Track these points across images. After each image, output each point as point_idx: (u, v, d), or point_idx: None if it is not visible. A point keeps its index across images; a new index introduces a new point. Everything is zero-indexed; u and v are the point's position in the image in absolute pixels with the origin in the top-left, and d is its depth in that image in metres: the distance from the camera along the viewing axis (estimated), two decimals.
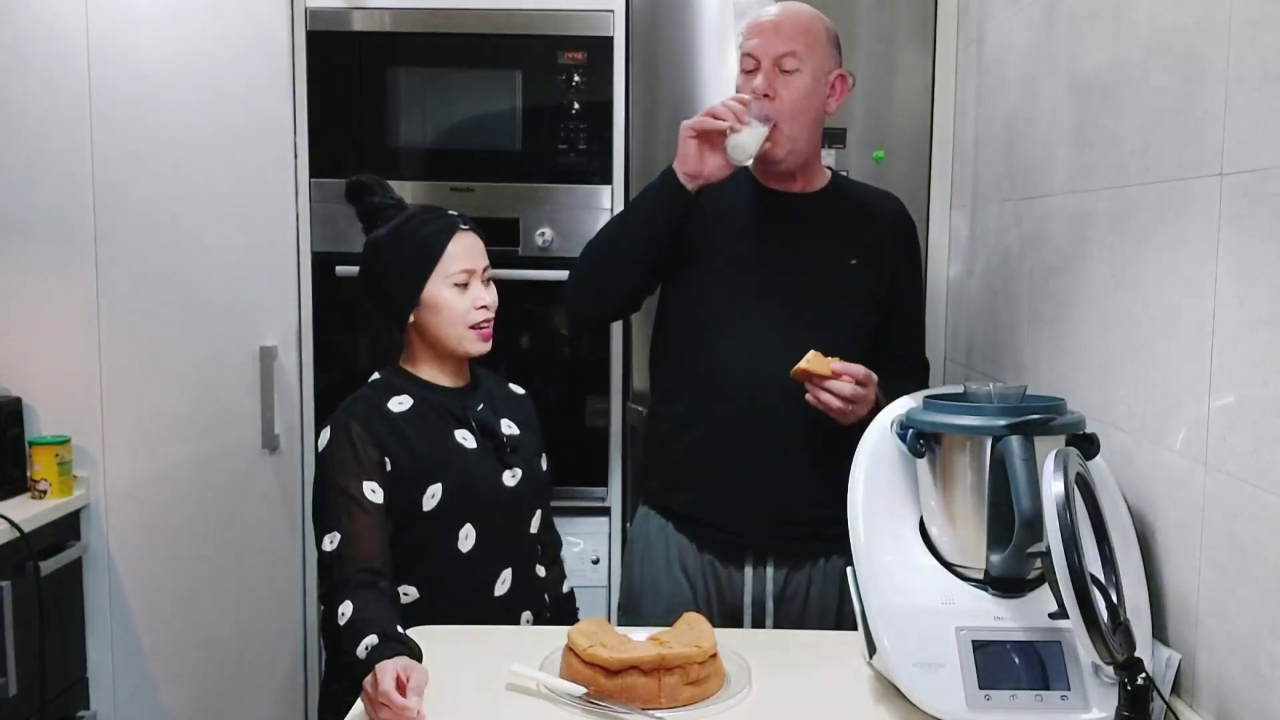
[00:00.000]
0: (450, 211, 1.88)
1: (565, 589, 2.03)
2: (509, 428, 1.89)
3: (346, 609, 1.62)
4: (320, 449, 1.79)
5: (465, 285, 1.82)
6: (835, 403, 1.76)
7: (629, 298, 1.96)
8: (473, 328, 1.83)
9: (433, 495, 1.76)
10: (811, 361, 1.77)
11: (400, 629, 1.57)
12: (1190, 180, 1.32)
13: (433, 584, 1.78)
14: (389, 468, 1.75)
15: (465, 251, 1.83)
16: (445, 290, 1.81)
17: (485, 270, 1.86)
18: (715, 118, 1.79)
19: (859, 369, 1.78)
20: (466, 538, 1.79)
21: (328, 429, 1.79)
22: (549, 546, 2.01)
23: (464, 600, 1.78)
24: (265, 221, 2.52)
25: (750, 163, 1.87)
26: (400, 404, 1.81)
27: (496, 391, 1.95)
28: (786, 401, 1.82)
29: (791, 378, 1.78)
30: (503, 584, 1.82)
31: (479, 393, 1.90)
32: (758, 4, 2.42)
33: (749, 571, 1.91)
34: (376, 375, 1.88)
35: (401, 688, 1.37)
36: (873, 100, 2.46)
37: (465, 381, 1.89)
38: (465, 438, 1.82)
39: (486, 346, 1.85)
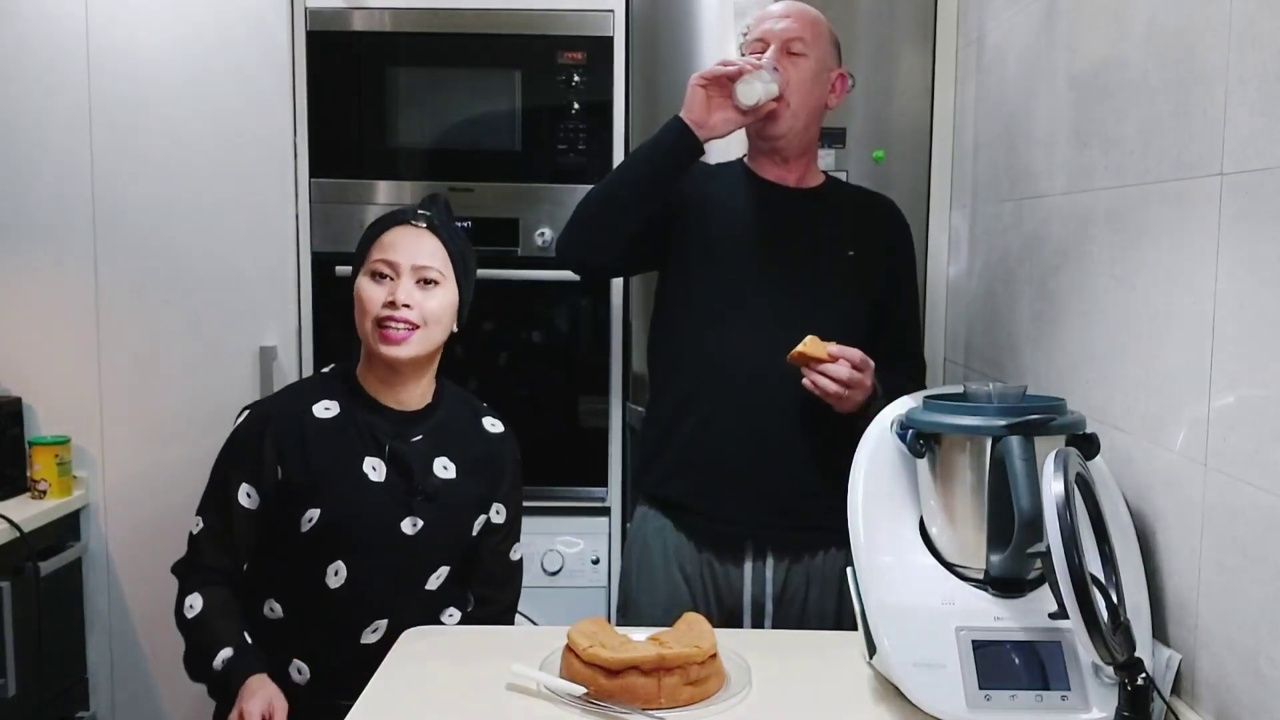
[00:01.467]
0: (424, 209, 1.76)
1: None
2: (443, 470, 1.71)
3: (195, 602, 1.63)
4: (234, 425, 1.72)
5: (383, 277, 1.66)
6: (831, 386, 1.76)
7: (625, 247, 1.91)
8: (379, 326, 1.64)
9: (309, 519, 1.64)
10: (808, 345, 1.77)
11: (248, 638, 1.60)
12: (1190, 180, 1.32)
13: (298, 610, 1.68)
14: (280, 475, 1.66)
15: (398, 243, 1.67)
16: (363, 280, 1.68)
17: (424, 270, 1.67)
18: (727, 66, 1.83)
19: (855, 353, 1.79)
20: (336, 574, 1.65)
21: (247, 411, 1.72)
22: (487, 603, 1.82)
23: (328, 638, 1.67)
24: (265, 221, 2.52)
25: (753, 104, 1.84)
26: (326, 410, 1.69)
27: (454, 423, 1.76)
28: (784, 389, 1.82)
29: (788, 362, 1.78)
30: (373, 633, 1.67)
31: (425, 421, 1.72)
32: (758, 4, 2.42)
33: (748, 567, 1.90)
34: (330, 367, 1.79)
35: None
36: (873, 100, 2.46)
37: (420, 404, 1.73)
38: (374, 468, 1.66)
39: (397, 353, 1.64)
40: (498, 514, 1.81)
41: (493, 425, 1.82)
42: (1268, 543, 1.15)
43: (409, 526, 1.67)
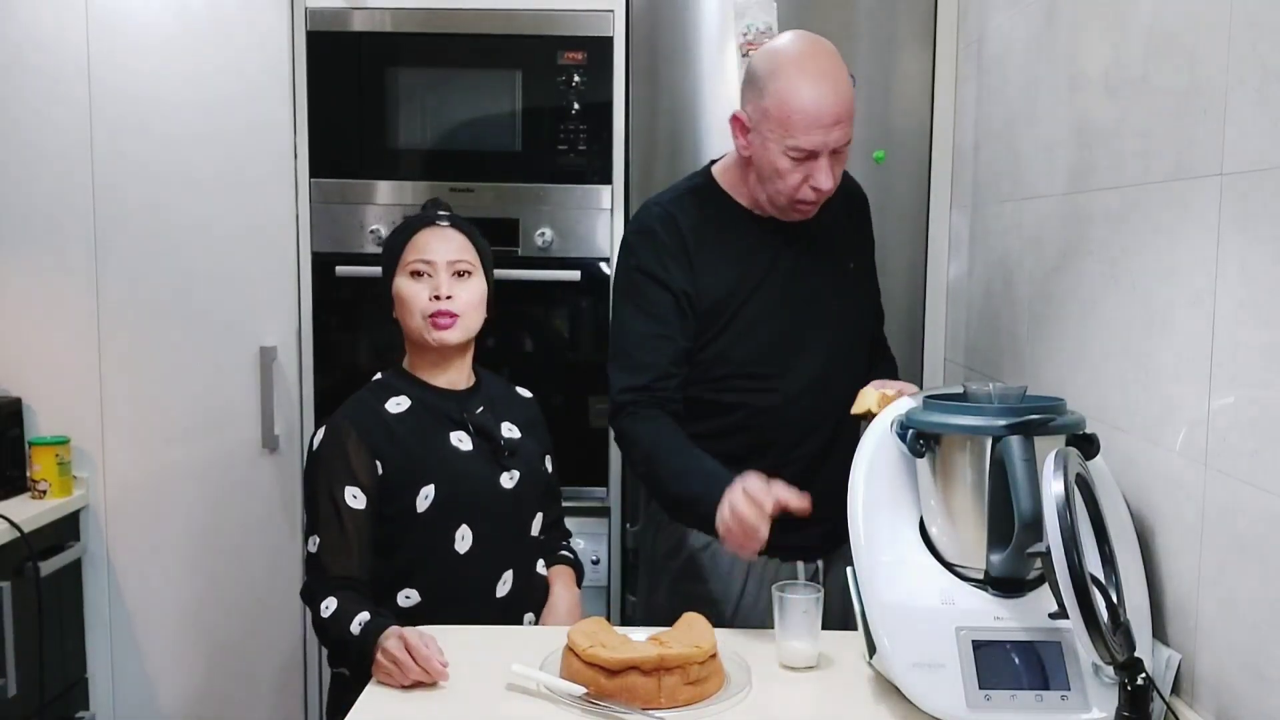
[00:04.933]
0: (440, 210, 1.88)
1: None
2: (509, 430, 1.88)
3: (330, 603, 1.68)
4: (313, 447, 1.80)
5: (421, 275, 1.80)
6: None
7: None
8: (430, 317, 1.79)
9: (425, 496, 1.76)
10: (875, 403, 1.67)
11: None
12: (1190, 180, 1.32)
13: (434, 586, 1.78)
14: (380, 470, 1.76)
15: (431, 243, 1.82)
16: (404, 280, 1.82)
17: (457, 264, 1.82)
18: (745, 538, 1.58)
19: (911, 389, 1.73)
20: (463, 539, 1.78)
21: (323, 428, 1.80)
22: (557, 542, 1.99)
23: (466, 602, 1.78)
24: (265, 221, 2.52)
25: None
26: (398, 405, 1.81)
27: (499, 394, 1.94)
28: (816, 434, 1.83)
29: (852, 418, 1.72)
30: (504, 585, 1.82)
31: (479, 395, 1.89)
32: (758, 4, 2.42)
33: (800, 565, 1.90)
34: (379, 376, 1.89)
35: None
36: (873, 100, 2.46)
37: (467, 384, 1.89)
38: (461, 440, 1.82)
39: (448, 337, 1.80)
40: (549, 464, 1.98)
41: (524, 392, 2.02)
42: (1268, 543, 1.15)
43: (507, 481, 1.84)
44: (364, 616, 1.62)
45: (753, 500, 1.56)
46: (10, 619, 2.24)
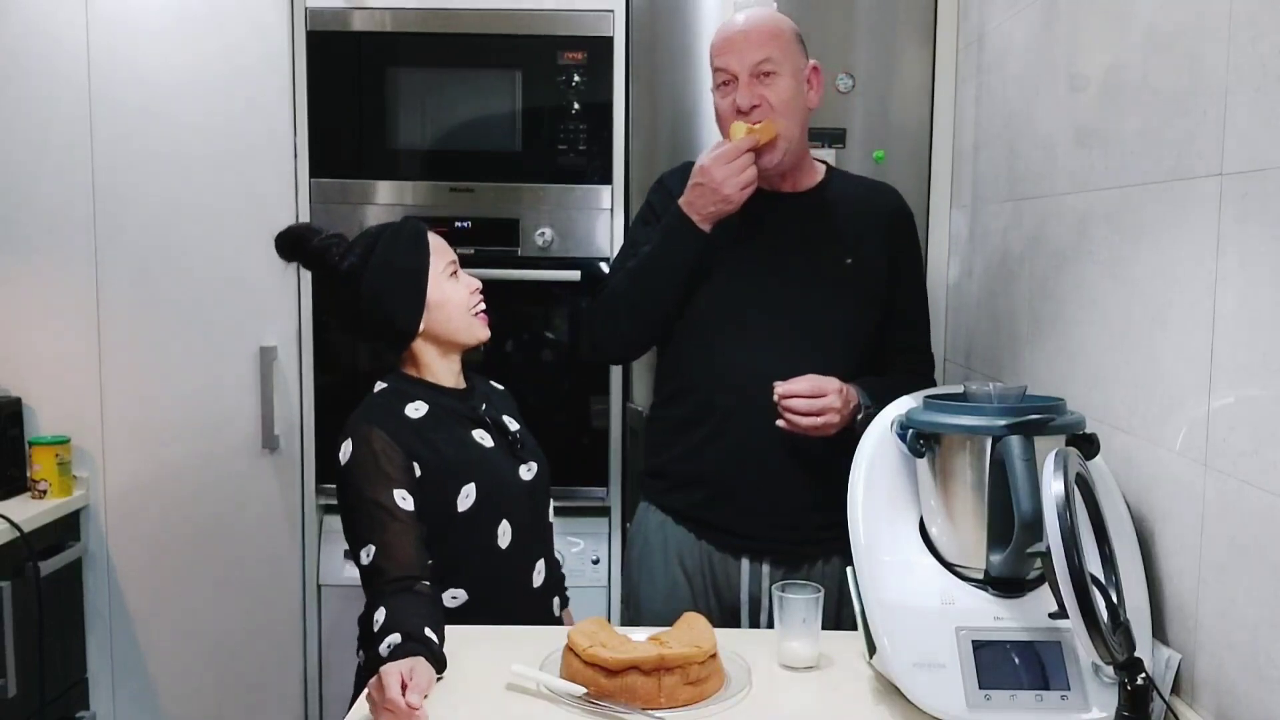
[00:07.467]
0: (405, 219, 1.87)
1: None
2: (512, 424, 1.90)
3: (380, 615, 1.60)
4: (344, 461, 1.73)
5: (455, 275, 1.84)
6: (804, 421, 1.78)
7: (662, 332, 1.97)
8: (479, 314, 1.85)
9: (467, 496, 1.75)
10: (759, 131, 1.82)
11: (430, 630, 1.55)
12: (1190, 180, 1.32)
13: (480, 583, 1.78)
14: (418, 473, 1.73)
15: (441, 246, 1.85)
16: (444, 284, 1.82)
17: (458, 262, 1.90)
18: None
19: (802, 384, 1.78)
20: (504, 534, 1.79)
21: (349, 441, 1.73)
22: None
23: (508, 595, 1.80)
24: (265, 221, 2.51)
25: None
26: (416, 409, 1.78)
27: (488, 389, 1.96)
28: (764, 416, 1.82)
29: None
30: (538, 575, 1.84)
31: (478, 393, 1.90)
32: (758, 4, 2.42)
33: (745, 564, 1.91)
34: (383, 384, 1.84)
35: (404, 690, 1.35)
36: (873, 100, 2.46)
37: (464, 382, 1.89)
38: (483, 437, 1.83)
39: (488, 332, 1.86)
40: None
41: (498, 385, 2.03)
42: (1268, 543, 1.15)
43: (526, 473, 1.87)
44: (394, 639, 1.53)
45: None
46: (10, 619, 2.24)
